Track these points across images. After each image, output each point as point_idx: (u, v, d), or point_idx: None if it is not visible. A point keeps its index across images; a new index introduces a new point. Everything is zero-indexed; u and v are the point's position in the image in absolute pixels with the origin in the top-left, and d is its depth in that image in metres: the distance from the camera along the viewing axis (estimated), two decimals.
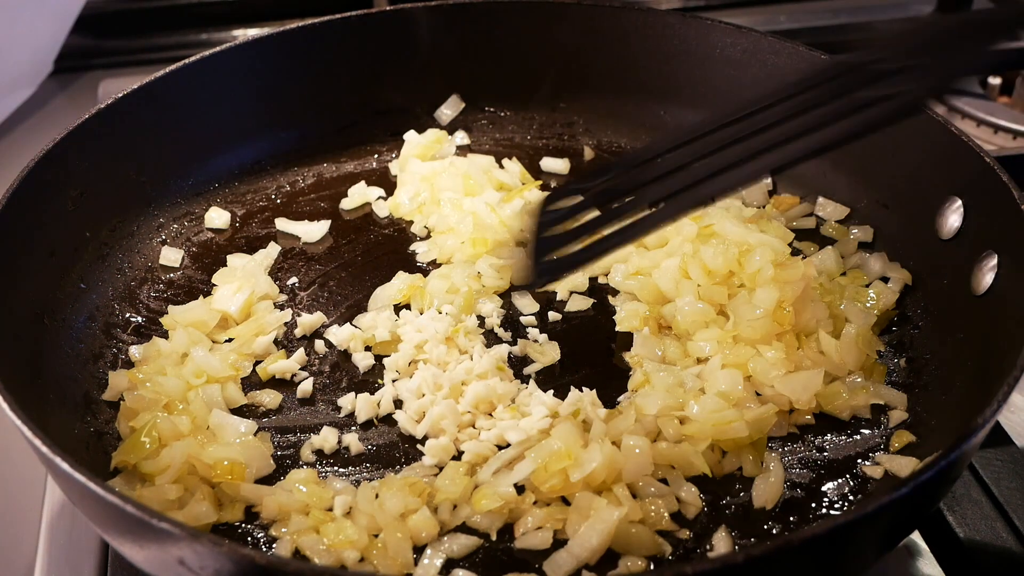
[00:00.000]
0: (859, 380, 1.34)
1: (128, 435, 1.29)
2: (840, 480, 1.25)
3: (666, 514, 1.20)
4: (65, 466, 1.02)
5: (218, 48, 1.66)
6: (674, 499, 1.22)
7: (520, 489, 1.22)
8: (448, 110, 1.81)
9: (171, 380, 1.33)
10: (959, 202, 1.42)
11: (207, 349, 1.39)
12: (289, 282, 1.54)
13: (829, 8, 2.34)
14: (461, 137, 1.80)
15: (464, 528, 1.20)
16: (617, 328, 1.44)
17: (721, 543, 1.18)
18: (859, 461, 1.28)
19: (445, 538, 1.18)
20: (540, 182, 1.70)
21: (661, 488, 1.22)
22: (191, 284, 1.54)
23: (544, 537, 1.18)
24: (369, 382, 1.39)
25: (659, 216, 1.20)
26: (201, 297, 1.50)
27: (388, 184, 1.72)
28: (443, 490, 1.21)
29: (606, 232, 1.21)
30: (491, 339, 1.44)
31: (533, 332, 1.45)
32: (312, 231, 1.63)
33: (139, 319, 1.47)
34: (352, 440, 1.30)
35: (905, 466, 1.25)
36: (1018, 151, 1.69)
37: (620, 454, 1.22)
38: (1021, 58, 1.97)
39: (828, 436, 1.31)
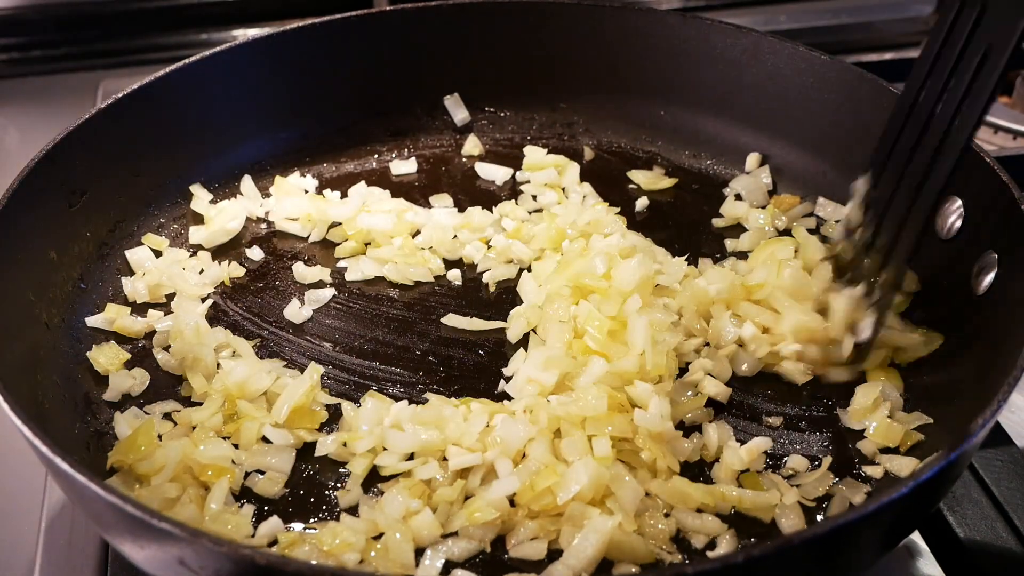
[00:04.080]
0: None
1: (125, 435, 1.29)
2: (840, 481, 1.25)
3: (665, 530, 1.18)
4: (65, 466, 1.02)
5: (218, 48, 1.65)
6: (674, 523, 1.19)
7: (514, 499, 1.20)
8: (449, 110, 1.81)
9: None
10: (959, 202, 1.42)
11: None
12: None
13: (829, 8, 2.33)
14: (472, 143, 1.79)
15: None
16: None
17: (722, 543, 1.18)
18: (859, 461, 1.28)
19: (449, 540, 1.17)
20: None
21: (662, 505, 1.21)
22: None
23: (538, 548, 1.16)
24: None
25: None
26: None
27: (388, 184, 1.72)
28: (440, 492, 1.21)
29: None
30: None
31: None
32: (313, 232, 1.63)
33: (139, 319, 1.47)
34: None
35: (905, 466, 1.25)
36: (1018, 151, 1.69)
37: (607, 473, 1.19)
38: (1021, 58, 1.96)
39: (828, 436, 1.31)
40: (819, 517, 1.22)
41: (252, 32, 2.20)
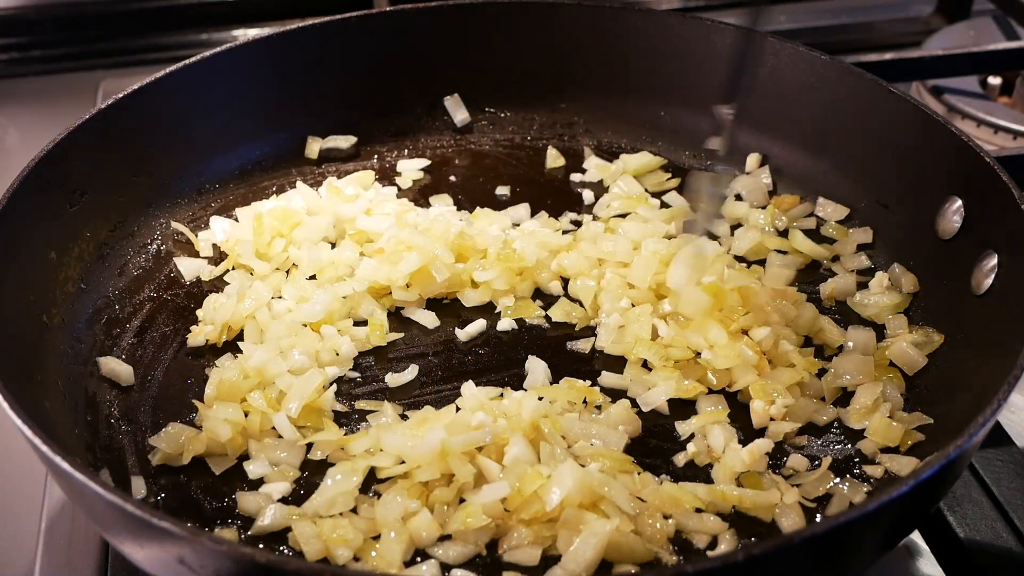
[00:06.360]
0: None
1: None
2: (840, 480, 1.25)
3: (664, 530, 1.18)
4: (65, 466, 1.02)
5: (218, 48, 1.65)
6: (673, 523, 1.19)
7: None
8: (449, 110, 1.81)
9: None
10: (959, 202, 1.42)
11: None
12: None
13: (829, 8, 2.34)
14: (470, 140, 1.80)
15: None
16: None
17: (722, 543, 1.18)
18: (859, 461, 1.28)
19: (446, 542, 1.17)
20: None
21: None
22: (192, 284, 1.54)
23: (531, 554, 1.16)
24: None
25: None
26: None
27: (388, 184, 1.72)
28: (436, 492, 1.20)
29: None
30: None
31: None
32: None
33: (140, 320, 1.47)
34: None
35: (905, 466, 1.25)
36: (1018, 151, 1.69)
37: (590, 474, 1.19)
38: (1021, 58, 1.96)
39: (829, 436, 1.31)
40: (819, 517, 1.22)
41: (252, 32, 2.20)
